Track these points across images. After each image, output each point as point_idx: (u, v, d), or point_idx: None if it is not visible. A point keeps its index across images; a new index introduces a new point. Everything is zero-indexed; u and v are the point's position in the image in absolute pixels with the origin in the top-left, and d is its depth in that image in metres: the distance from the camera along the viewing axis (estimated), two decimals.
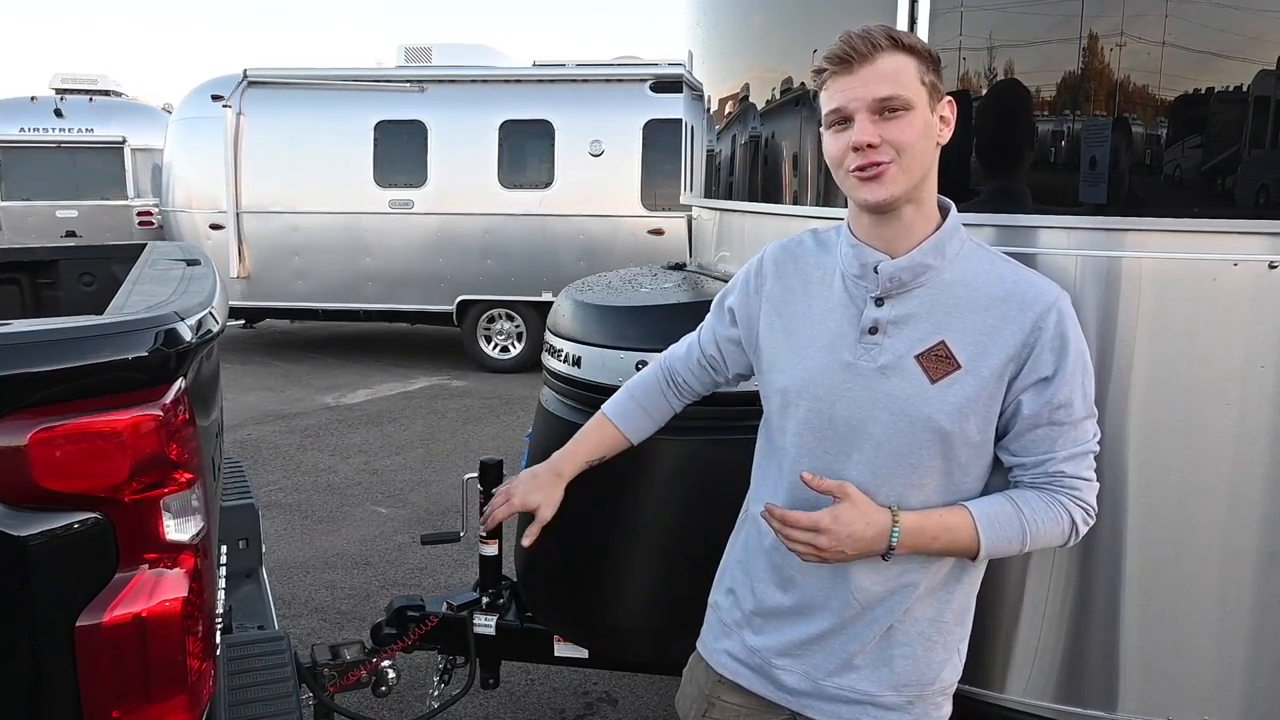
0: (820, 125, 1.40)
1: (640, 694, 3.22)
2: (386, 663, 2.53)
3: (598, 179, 8.36)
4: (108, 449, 1.17)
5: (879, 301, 1.40)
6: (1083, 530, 1.43)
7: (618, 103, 8.38)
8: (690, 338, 1.74)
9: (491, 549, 2.56)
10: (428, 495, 5.29)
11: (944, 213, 1.43)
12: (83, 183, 11.08)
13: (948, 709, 1.53)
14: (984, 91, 1.94)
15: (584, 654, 2.47)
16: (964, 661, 1.55)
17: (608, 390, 2.27)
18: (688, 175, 3.02)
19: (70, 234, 10.80)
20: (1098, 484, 1.44)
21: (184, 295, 1.50)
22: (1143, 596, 1.92)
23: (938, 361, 1.37)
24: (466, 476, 2.59)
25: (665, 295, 2.47)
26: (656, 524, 2.19)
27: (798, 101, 2.26)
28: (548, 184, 8.42)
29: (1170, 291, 1.80)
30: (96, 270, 2.79)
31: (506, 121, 8.41)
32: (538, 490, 1.70)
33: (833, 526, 1.34)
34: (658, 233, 8.28)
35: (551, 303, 2.64)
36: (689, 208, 3.18)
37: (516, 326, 8.73)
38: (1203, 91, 1.77)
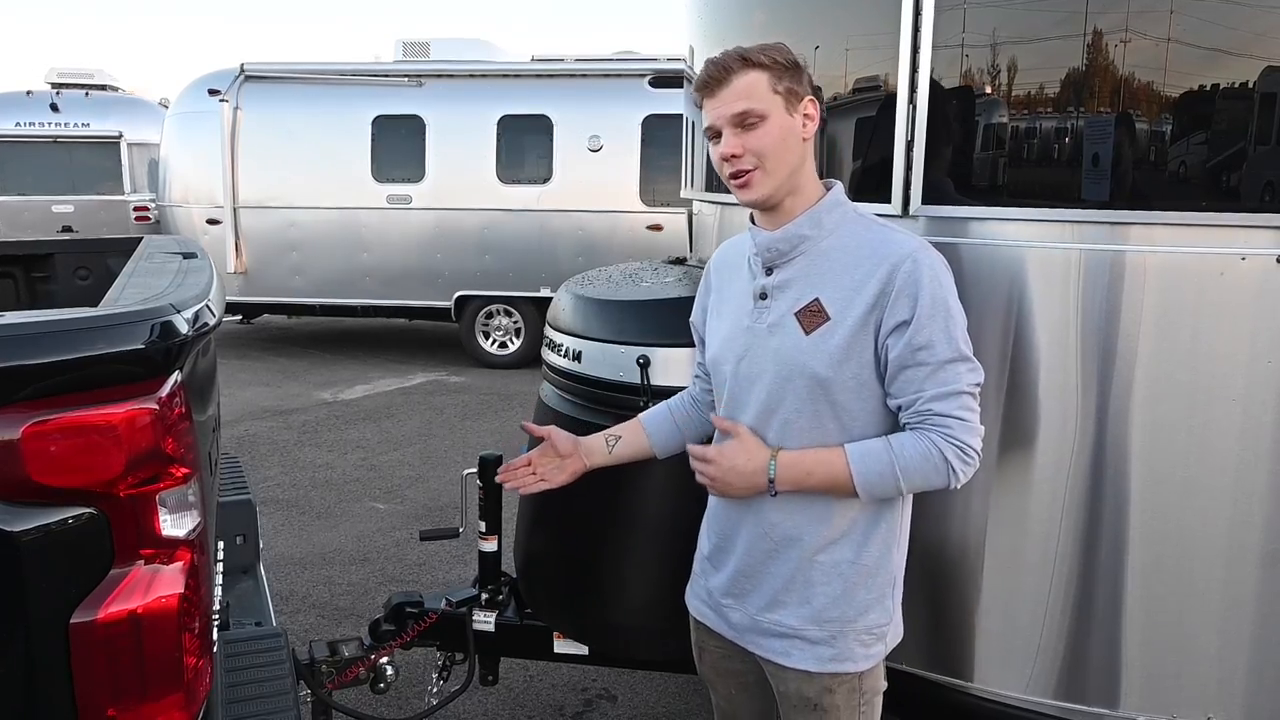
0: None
1: (639, 691, 3.21)
2: (385, 659, 2.52)
3: (596, 174, 8.32)
4: (103, 443, 1.15)
5: (769, 271, 1.62)
6: (961, 470, 1.51)
7: (616, 98, 8.35)
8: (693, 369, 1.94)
9: (491, 545, 2.54)
10: (426, 491, 5.28)
11: (828, 191, 1.62)
12: (79, 178, 11.02)
13: (878, 649, 1.65)
14: (986, 87, 1.93)
15: (584, 650, 2.46)
16: (898, 610, 1.67)
17: (608, 385, 2.27)
18: (688, 169, 3.01)
19: (66, 229, 10.74)
20: (981, 428, 1.53)
21: (180, 288, 1.48)
22: (1146, 594, 1.91)
23: (811, 316, 1.56)
24: (466, 472, 2.58)
25: (666, 289, 2.46)
26: (656, 520, 2.18)
27: None
28: (546, 179, 8.39)
29: (1175, 286, 1.79)
30: (92, 264, 2.77)
31: (505, 116, 8.37)
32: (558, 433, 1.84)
33: (718, 458, 1.57)
34: (656, 228, 8.26)
35: (549, 299, 2.63)
36: (687, 203, 3.17)
37: (515, 322, 8.71)
38: (1208, 88, 1.75)
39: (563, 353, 2.37)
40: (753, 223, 1.66)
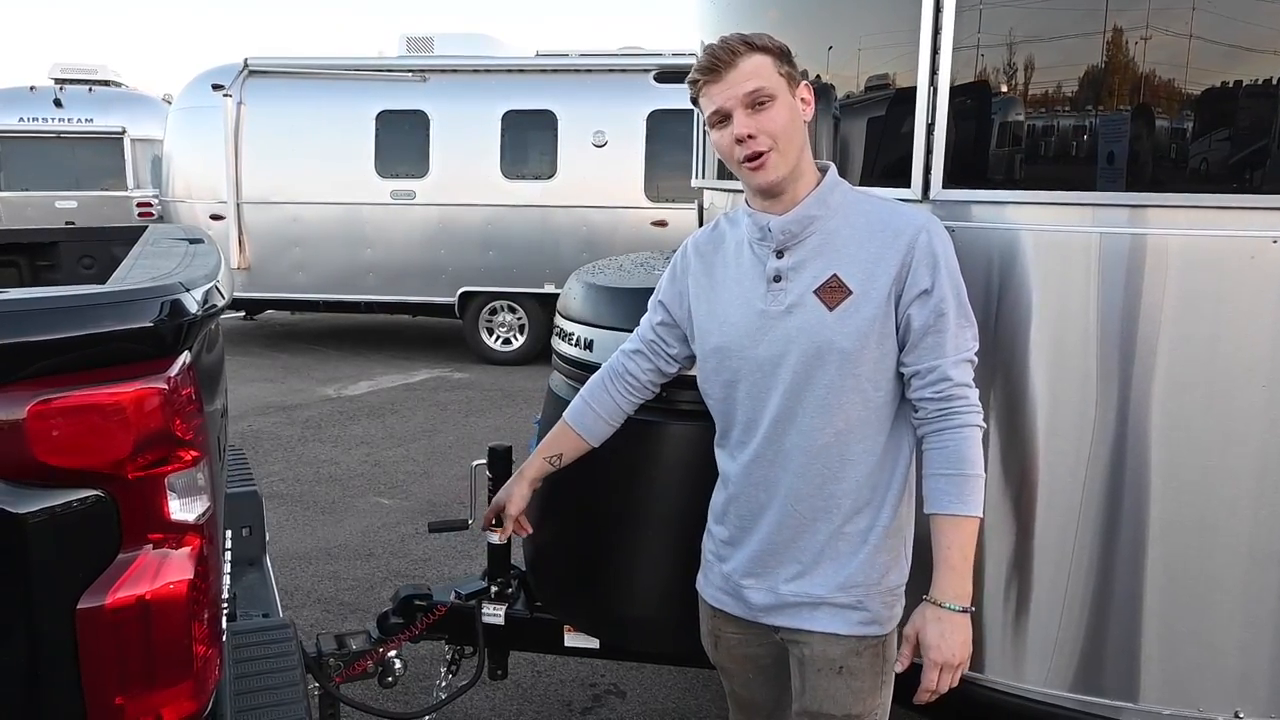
0: (706, 126, 1.62)
1: (649, 686, 3.18)
2: (393, 653, 2.49)
3: (601, 170, 8.30)
4: (110, 424, 1.12)
5: (779, 254, 1.62)
6: (982, 423, 1.60)
7: (621, 93, 8.32)
8: (634, 333, 1.93)
9: (499, 537, 2.51)
10: (430, 487, 5.26)
11: (824, 173, 1.65)
12: (82, 173, 11.02)
13: (899, 609, 1.69)
14: (1006, 73, 1.90)
15: (594, 644, 2.43)
16: (909, 565, 1.71)
17: None
18: (699, 159, 2.98)
19: (70, 225, 10.74)
20: (977, 390, 1.61)
21: (189, 268, 1.45)
22: (1168, 584, 1.88)
23: (832, 292, 1.58)
24: (475, 463, 2.55)
25: None
26: (668, 513, 2.15)
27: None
28: (550, 175, 8.36)
29: (1200, 270, 1.76)
30: (97, 252, 2.74)
31: (509, 112, 8.35)
32: (504, 490, 1.97)
33: (948, 658, 1.55)
34: (661, 224, 8.23)
35: (554, 295, 2.60)
36: (693, 199, 3.17)
37: (519, 319, 8.69)
38: (1231, 84, 1.74)
39: (574, 341, 2.35)
40: (749, 208, 1.68)
